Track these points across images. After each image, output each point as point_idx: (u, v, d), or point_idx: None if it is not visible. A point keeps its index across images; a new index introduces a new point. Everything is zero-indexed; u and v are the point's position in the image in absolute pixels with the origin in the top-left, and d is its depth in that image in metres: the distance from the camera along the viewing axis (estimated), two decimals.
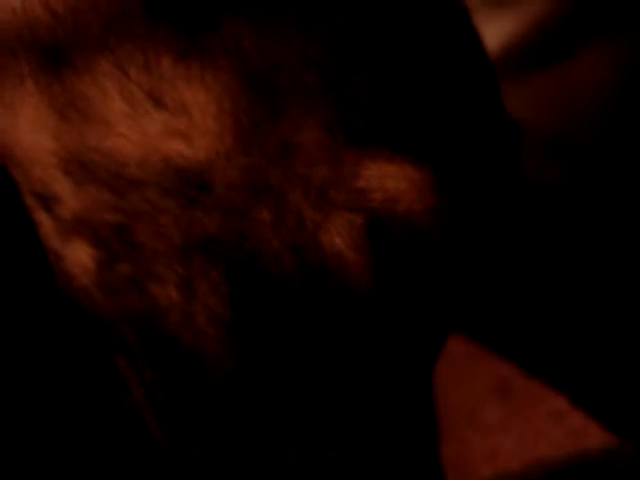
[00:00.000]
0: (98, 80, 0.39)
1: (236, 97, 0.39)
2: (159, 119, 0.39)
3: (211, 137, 0.39)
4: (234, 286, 0.39)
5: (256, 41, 0.38)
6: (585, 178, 0.71)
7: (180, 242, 0.39)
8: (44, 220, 0.41)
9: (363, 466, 0.41)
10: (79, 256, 0.40)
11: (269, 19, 0.39)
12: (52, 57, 0.39)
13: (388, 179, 0.38)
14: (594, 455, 0.64)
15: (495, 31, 0.73)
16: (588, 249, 0.71)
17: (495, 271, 0.70)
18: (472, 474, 0.63)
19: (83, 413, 0.42)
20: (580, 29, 0.70)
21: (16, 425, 0.41)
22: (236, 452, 0.41)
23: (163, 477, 0.42)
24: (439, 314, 0.42)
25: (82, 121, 0.39)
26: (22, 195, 0.41)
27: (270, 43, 0.39)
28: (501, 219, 0.43)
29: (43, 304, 0.43)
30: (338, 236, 0.39)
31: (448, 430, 0.63)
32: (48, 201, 0.40)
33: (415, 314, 0.40)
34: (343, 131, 0.39)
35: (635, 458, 0.63)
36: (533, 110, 0.71)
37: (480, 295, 0.72)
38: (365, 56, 0.39)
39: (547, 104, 0.71)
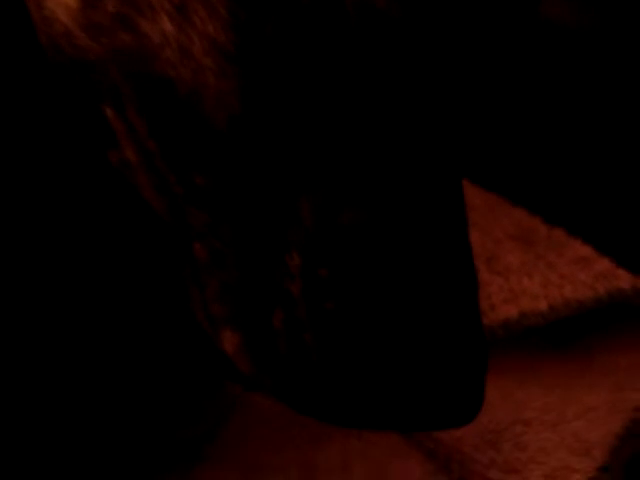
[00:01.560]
0: None
1: None
2: None
3: None
4: (234, 7, 0.35)
5: None
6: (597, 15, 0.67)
7: None
8: None
9: (382, 237, 0.36)
10: None
11: None
12: None
13: None
14: (625, 296, 0.60)
15: None
16: (599, 95, 0.67)
17: (507, 109, 0.66)
18: (494, 315, 0.59)
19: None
20: None
21: None
22: (244, 211, 0.36)
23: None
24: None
25: None
26: None
27: None
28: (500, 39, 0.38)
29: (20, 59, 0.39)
30: None
31: None
32: None
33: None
34: None
35: None
36: None
37: (493, 138, 0.68)
38: None
39: None
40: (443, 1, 0.35)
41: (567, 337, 0.59)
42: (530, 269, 0.62)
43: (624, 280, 0.61)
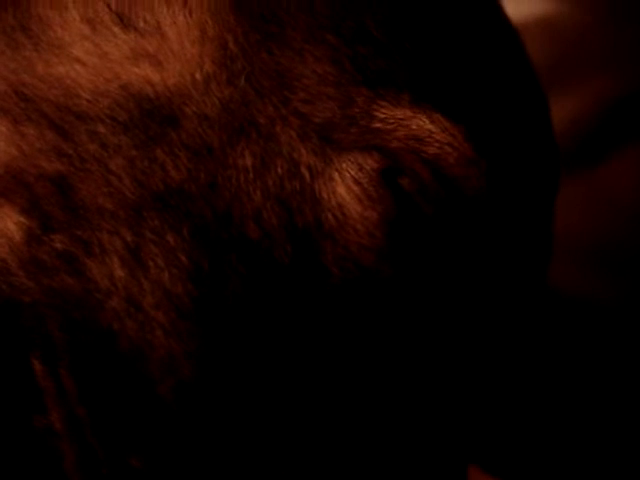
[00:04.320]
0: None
1: (224, 20, 0.31)
2: (125, 41, 0.31)
3: (187, 62, 0.31)
4: (197, 255, 0.29)
5: None
6: (624, 290, 0.62)
7: (133, 196, 0.30)
8: None
9: None
10: (5, 226, 0.31)
11: None
12: None
13: (412, 121, 0.29)
14: None
15: None
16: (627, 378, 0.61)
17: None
18: None
19: None
20: (613, 132, 0.64)
21: None
22: None
23: None
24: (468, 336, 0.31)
25: (32, 47, 0.32)
26: None
27: None
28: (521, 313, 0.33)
29: None
30: (342, 185, 0.29)
31: None
32: None
33: (440, 315, 0.29)
34: (355, 67, 0.30)
35: None
36: (568, 217, 0.64)
37: (500, 416, 0.61)
38: None
39: (581, 210, 0.65)
40: (438, 265, 0.29)
41: None
42: None
43: None
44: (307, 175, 0.30)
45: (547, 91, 0.48)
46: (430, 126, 0.29)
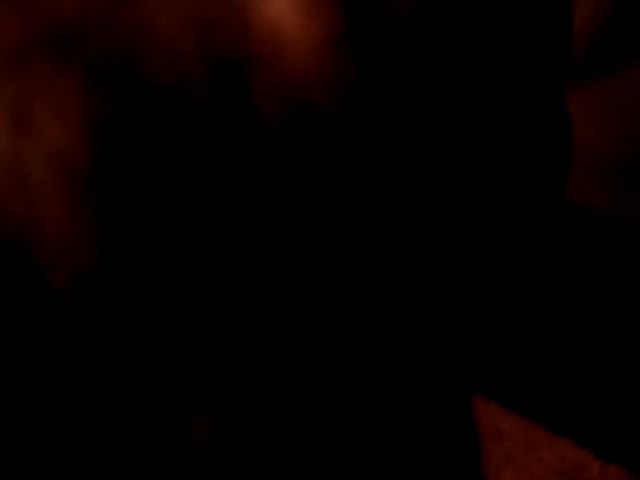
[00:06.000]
0: None
1: None
2: None
3: None
4: (93, 104, 0.23)
5: None
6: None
7: (14, 39, 0.24)
8: None
9: None
10: None
11: None
12: None
13: None
14: None
15: None
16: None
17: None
18: None
19: None
20: (632, 35, 0.58)
21: None
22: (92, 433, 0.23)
23: None
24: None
25: None
26: None
27: None
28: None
29: None
30: None
31: None
32: None
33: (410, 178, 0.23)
34: None
35: None
36: (584, 125, 0.59)
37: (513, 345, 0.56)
38: None
39: (598, 119, 0.59)
40: (411, 97, 0.22)
41: None
42: None
43: None
44: None
45: None
46: None
